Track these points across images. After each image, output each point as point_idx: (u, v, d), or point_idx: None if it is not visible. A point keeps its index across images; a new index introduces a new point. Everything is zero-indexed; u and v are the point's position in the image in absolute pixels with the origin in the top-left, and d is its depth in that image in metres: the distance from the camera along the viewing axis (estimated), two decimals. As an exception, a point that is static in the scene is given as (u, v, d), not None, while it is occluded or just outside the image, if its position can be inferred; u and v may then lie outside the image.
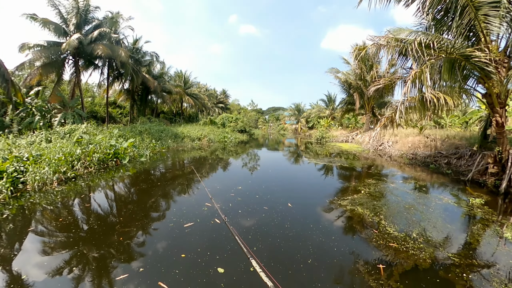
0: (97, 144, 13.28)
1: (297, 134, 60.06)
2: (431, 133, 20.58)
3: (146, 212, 6.61)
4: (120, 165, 13.08)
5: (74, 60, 22.35)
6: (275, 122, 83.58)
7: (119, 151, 13.84)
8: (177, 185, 9.39)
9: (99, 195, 8.02)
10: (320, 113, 53.53)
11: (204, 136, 26.17)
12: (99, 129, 18.01)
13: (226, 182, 9.88)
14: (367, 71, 27.64)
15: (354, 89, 28.70)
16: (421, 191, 9.10)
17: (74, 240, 5.01)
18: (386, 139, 22.67)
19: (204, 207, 6.82)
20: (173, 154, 17.96)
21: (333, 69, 30.39)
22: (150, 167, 12.87)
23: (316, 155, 19.80)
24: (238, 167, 13.85)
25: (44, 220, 5.97)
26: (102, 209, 6.84)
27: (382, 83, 12.90)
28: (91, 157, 11.74)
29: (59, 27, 20.75)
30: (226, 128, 37.20)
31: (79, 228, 5.57)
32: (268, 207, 6.94)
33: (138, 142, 18.00)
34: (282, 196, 8.04)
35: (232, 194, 8.04)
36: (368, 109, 30.64)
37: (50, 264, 4.20)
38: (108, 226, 5.65)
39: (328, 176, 11.99)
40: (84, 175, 10.45)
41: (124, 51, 22.60)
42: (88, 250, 4.63)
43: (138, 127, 22.51)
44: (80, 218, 6.18)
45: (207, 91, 57.43)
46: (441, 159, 15.70)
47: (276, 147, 28.93)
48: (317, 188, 9.56)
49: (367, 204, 7.20)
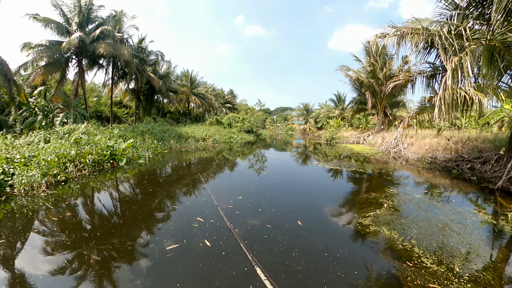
0: (93, 145, 12.51)
1: (305, 134, 58.79)
2: (448, 134, 19.26)
3: (127, 226, 5.69)
4: (116, 167, 12.30)
5: (77, 59, 21.89)
6: (283, 123, 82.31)
7: (116, 153, 13.00)
8: (170, 193, 8.39)
9: (82, 204, 7.11)
10: (329, 113, 52.27)
11: (209, 137, 25.24)
12: (100, 129, 17.33)
13: (226, 190, 8.84)
14: (380, 69, 26.29)
15: (366, 87, 27.36)
16: (450, 203, 7.93)
17: (36, 255, 4.09)
18: (401, 141, 21.37)
19: (195, 223, 5.81)
20: (175, 155, 17.06)
21: (344, 66, 29.09)
22: (147, 170, 11.98)
23: (326, 158, 18.67)
24: (241, 171, 12.75)
25: (13, 230, 5.07)
26: (79, 221, 5.91)
27: (402, 78, 11.73)
28: (85, 159, 10.97)
29: (61, 26, 20.28)
30: (232, 129, 36.27)
31: (46, 241, 4.69)
32: (272, 225, 5.82)
33: (139, 142, 17.22)
34: (289, 210, 6.86)
35: (230, 206, 6.99)
36: (380, 109, 29.28)
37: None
38: (76, 243, 4.71)
39: (342, 184, 10.81)
40: (76, 178, 9.71)
41: (127, 50, 21.98)
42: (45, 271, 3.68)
43: (140, 127, 21.73)
44: (51, 229, 5.30)
45: (214, 91, 56.62)
46: (463, 164, 14.39)
47: (283, 148, 27.89)
48: (331, 199, 8.38)
49: (394, 223, 6.03)
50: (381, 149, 22.52)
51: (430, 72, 11.41)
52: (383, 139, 24.91)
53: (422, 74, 11.44)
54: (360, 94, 31.11)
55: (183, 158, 16.27)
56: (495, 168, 12.72)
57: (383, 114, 30.26)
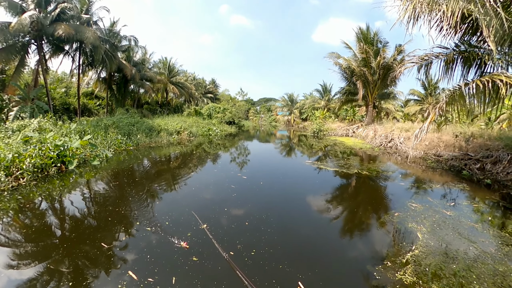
0: (37, 145, 9.80)
1: (289, 126, 56.83)
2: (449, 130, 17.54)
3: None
4: (65, 171, 9.61)
5: (37, 44, 18.70)
6: (266, 113, 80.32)
7: (66, 153, 10.32)
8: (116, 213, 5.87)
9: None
10: (314, 104, 50.37)
11: (184, 129, 22.52)
12: (58, 124, 14.60)
13: (187, 209, 6.04)
14: (374, 57, 24.24)
15: (357, 76, 25.25)
16: (491, 225, 5.91)
17: None
18: (396, 135, 19.52)
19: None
20: (142, 152, 14.41)
21: (333, 53, 26.81)
22: (101, 174, 9.47)
23: (317, 155, 16.53)
24: (215, 176, 9.72)
25: None
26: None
27: (416, 61, 9.57)
28: (24, 164, 8.34)
29: (15, 5, 17.00)
30: (212, 120, 33.62)
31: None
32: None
33: (100, 139, 14.50)
34: (280, 255, 4.25)
35: (184, 246, 4.36)
36: (370, 100, 27.39)
37: None
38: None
39: (348, 197, 8.07)
40: (9, 190, 7.12)
41: (93, 32, 18.98)
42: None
43: (104, 120, 18.81)
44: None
45: (194, 80, 53.42)
46: (471, 163, 12.62)
47: (267, 141, 25.59)
48: (340, 227, 5.74)
49: (445, 274, 3.83)
50: (374, 143, 20.61)
51: (453, 55, 9.32)
52: (375, 132, 23.05)
53: (440, 58, 9.32)
54: (349, 84, 29.09)
55: (149, 157, 13.68)
56: (508, 170, 11.08)
57: (373, 106, 28.45)
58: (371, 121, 27.75)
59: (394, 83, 26.61)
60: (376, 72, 24.96)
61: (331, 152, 16.94)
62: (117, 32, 26.50)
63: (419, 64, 9.97)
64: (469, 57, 9.29)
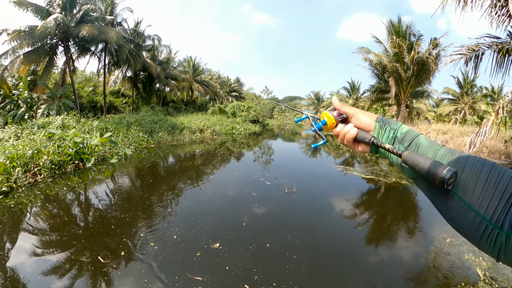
0: (56, 142, 9.78)
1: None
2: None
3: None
4: (83, 169, 9.38)
5: (64, 45, 19.27)
6: (291, 112, 78.94)
7: (85, 151, 10.11)
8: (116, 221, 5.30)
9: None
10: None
11: (207, 128, 22.05)
12: (82, 121, 14.82)
13: (199, 220, 5.29)
14: (407, 51, 22.52)
15: (389, 73, 23.60)
16: None
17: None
18: (432, 137, 17.96)
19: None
20: (162, 151, 14.04)
21: (363, 48, 25.19)
22: (116, 173, 9.14)
23: (346, 157, 15.44)
24: (236, 180, 8.74)
25: None
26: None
27: (464, 52, 8.33)
28: (41, 160, 8.26)
29: (42, 9, 17.61)
30: (236, 118, 33.05)
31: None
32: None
33: (122, 136, 14.34)
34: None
35: (191, 278, 3.57)
36: (403, 98, 25.59)
37: None
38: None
39: (388, 215, 6.67)
40: (26, 186, 7.05)
41: (116, 32, 19.14)
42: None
43: (127, 117, 18.73)
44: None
45: (219, 79, 53.34)
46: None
47: (292, 140, 24.57)
48: (384, 266, 4.34)
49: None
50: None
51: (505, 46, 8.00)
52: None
53: (494, 49, 8.03)
54: (380, 81, 27.36)
55: (170, 155, 13.24)
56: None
57: (405, 105, 26.59)
58: (403, 121, 25.95)
59: (429, 81, 24.71)
60: (410, 68, 23.21)
61: (363, 156, 15.73)
62: (142, 32, 26.90)
63: (467, 57, 8.70)
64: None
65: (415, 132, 0.68)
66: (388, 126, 0.73)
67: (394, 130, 0.71)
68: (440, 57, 22.32)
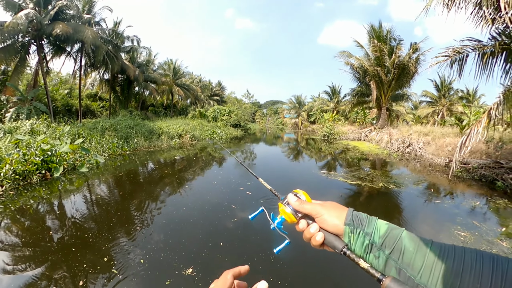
0: (20, 150, 8.87)
1: (297, 129, 55.34)
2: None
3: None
4: (50, 179, 8.52)
5: (37, 44, 18.11)
6: (273, 116, 79.02)
7: (53, 159, 9.23)
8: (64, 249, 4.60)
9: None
10: (323, 106, 48.87)
11: (186, 132, 21.28)
12: (52, 126, 13.78)
13: (171, 240, 4.64)
14: (388, 55, 22.69)
15: (370, 76, 23.72)
16: None
17: None
18: (414, 139, 17.99)
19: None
20: (138, 158, 13.20)
21: (345, 52, 25.28)
22: (85, 184, 8.31)
23: (330, 162, 15.11)
24: (214, 191, 7.87)
25: None
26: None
27: (450, 54, 8.14)
28: (3, 170, 7.42)
29: (13, 4, 16.45)
30: (218, 122, 32.38)
31: None
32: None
33: (95, 142, 13.45)
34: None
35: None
36: (384, 101, 25.79)
37: None
38: None
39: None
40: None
41: (92, 31, 18.10)
42: None
43: (102, 122, 17.74)
44: None
45: (200, 82, 52.45)
46: (503, 172, 11.13)
47: (274, 144, 24.13)
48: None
49: None
50: (391, 149, 19.07)
51: (489, 48, 7.87)
52: (390, 136, 21.50)
53: (479, 51, 7.88)
54: (361, 85, 27.57)
55: (145, 163, 12.42)
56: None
57: (386, 108, 26.82)
58: (384, 124, 26.15)
59: (409, 84, 25.08)
60: (391, 72, 23.43)
61: (347, 159, 15.40)
62: (121, 33, 25.72)
63: (452, 58, 8.54)
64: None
65: (396, 231, 0.58)
66: (361, 230, 0.60)
67: (370, 234, 0.59)
68: (420, 61, 22.67)
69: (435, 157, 14.87)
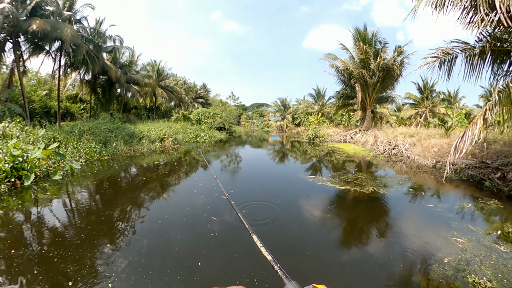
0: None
1: (282, 131, 55.12)
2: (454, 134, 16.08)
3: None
4: (20, 188, 7.79)
5: (12, 41, 17.03)
6: (258, 119, 78.67)
7: (24, 166, 8.48)
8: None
9: None
10: (308, 109, 48.89)
11: (168, 136, 20.55)
12: (26, 130, 12.87)
13: (147, 257, 4.13)
14: (374, 58, 22.72)
15: (356, 79, 23.68)
16: None
17: None
18: (400, 141, 17.94)
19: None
20: (117, 163, 12.46)
21: (330, 55, 25.20)
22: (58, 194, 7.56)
23: (316, 165, 14.77)
24: (194, 200, 7.33)
25: None
26: None
27: (439, 55, 7.93)
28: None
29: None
30: (202, 125, 31.68)
31: None
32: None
33: (71, 147, 12.62)
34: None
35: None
36: (369, 104, 25.84)
37: None
38: None
39: (375, 235, 5.53)
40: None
41: (71, 29, 17.16)
42: None
43: (79, 125, 16.81)
44: None
45: (185, 84, 51.50)
46: (489, 172, 11.12)
47: (260, 147, 23.71)
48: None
49: None
50: (377, 151, 18.96)
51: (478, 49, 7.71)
52: (376, 138, 21.46)
53: (468, 52, 7.71)
54: (346, 88, 27.56)
55: (123, 169, 11.70)
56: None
57: (370, 110, 26.89)
58: (369, 126, 26.19)
59: (393, 86, 25.24)
60: (376, 74, 23.47)
61: (333, 162, 15.07)
62: (103, 32, 24.56)
63: (441, 60, 8.35)
64: (502, 51, 7.72)
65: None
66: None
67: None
68: (404, 63, 22.84)
69: (421, 159, 14.81)
